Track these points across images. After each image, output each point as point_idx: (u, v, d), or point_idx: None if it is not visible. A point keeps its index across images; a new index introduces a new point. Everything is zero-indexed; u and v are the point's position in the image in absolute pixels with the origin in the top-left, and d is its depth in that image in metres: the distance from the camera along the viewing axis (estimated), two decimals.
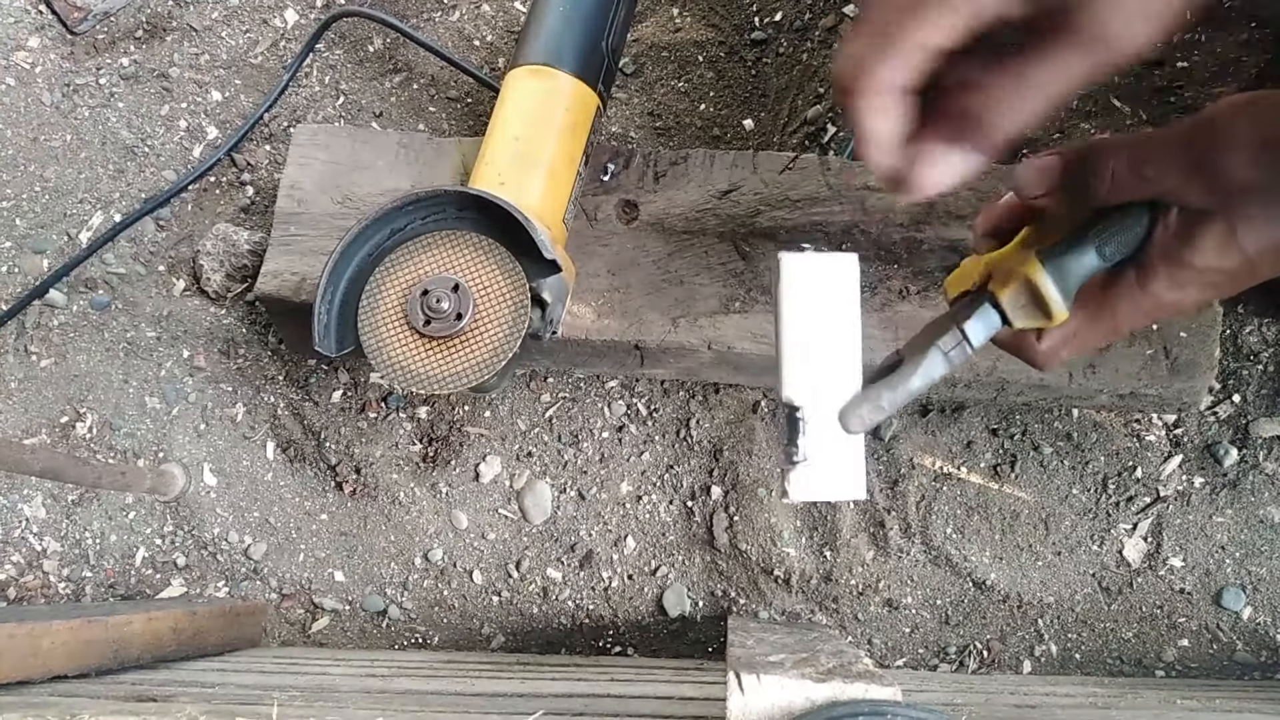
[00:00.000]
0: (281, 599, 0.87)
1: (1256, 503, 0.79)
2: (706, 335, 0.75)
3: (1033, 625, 0.80)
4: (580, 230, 0.79)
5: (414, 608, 0.86)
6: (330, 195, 0.81)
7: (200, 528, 0.88)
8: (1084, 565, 0.80)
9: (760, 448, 0.83)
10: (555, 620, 0.85)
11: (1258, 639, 0.78)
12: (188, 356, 0.92)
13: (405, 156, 0.82)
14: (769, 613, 0.82)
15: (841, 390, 0.48)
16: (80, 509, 0.90)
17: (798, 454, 0.47)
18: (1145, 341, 0.72)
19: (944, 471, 0.82)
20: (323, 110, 0.98)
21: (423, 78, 0.98)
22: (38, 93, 1.01)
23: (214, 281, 0.91)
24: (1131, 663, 0.79)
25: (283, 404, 0.90)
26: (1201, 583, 0.79)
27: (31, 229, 0.97)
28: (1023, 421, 0.81)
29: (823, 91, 0.91)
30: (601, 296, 0.77)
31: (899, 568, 0.81)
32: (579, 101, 0.73)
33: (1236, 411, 0.80)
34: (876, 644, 0.81)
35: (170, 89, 1.00)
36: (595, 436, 0.86)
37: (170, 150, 0.98)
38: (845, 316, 0.48)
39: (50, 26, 1.03)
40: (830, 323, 0.48)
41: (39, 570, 0.89)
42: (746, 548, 0.82)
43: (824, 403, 0.48)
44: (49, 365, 0.93)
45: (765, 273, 0.76)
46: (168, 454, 0.89)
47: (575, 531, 0.85)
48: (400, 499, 0.87)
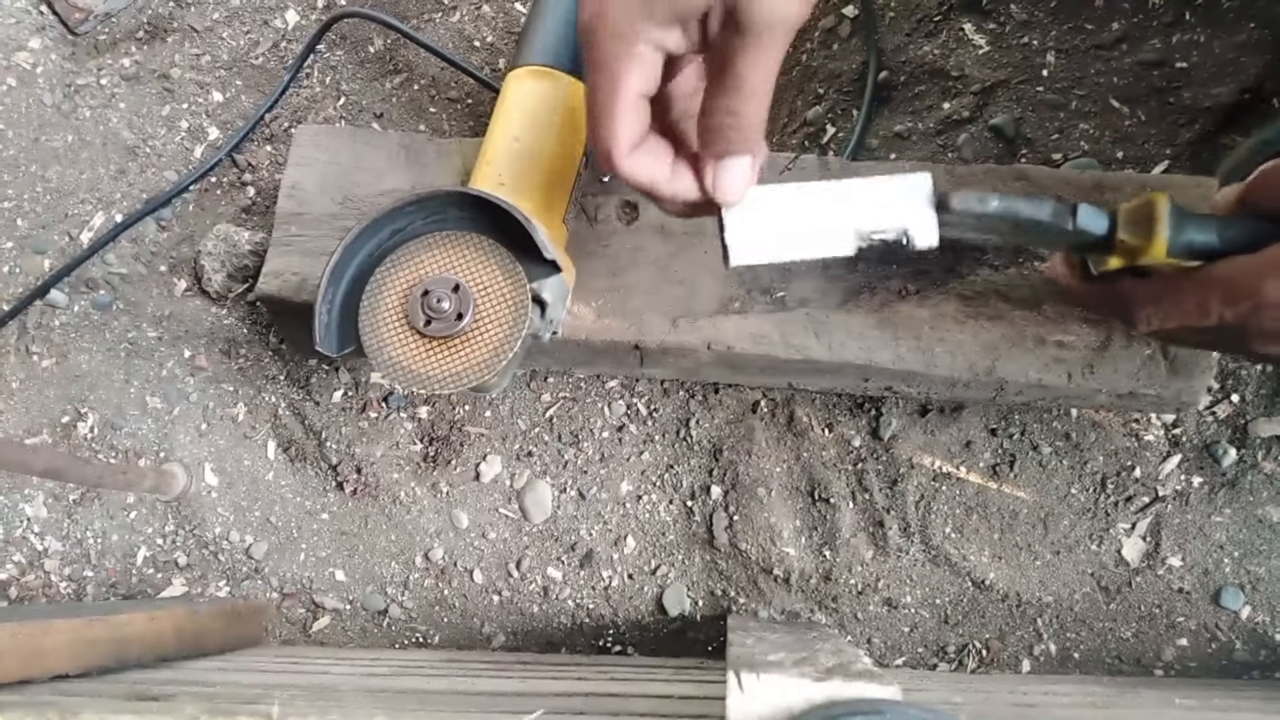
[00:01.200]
0: (282, 598, 0.88)
1: (1255, 502, 0.79)
2: (706, 335, 0.75)
3: (1032, 624, 0.80)
4: (580, 230, 0.79)
5: (415, 607, 0.86)
6: (331, 196, 0.82)
7: (201, 527, 0.88)
8: (1083, 565, 0.80)
9: (760, 448, 0.84)
10: (555, 619, 0.85)
11: (1256, 638, 0.78)
12: (189, 356, 0.92)
13: (406, 157, 0.82)
14: (769, 612, 0.83)
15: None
16: (82, 508, 0.90)
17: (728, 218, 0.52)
18: (1144, 341, 0.73)
19: (943, 471, 0.82)
20: (324, 111, 0.98)
21: (423, 79, 0.98)
22: (39, 93, 1.01)
23: (215, 282, 0.91)
24: (1130, 662, 0.79)
25: (284, 404, 0.90)
26: (1200, 582, 0.79)
27: (33, 229, 0.97)
28: (1021, 421, 0.82)
29: (822, 92, 0.91)
30: (601, 296, 0.77)
31: (898, 567, 0.81)
32: (579, 102, 0.73)
33: (1235, 411, 0.80)
34: (876, 643, 0.81)
35: (171, 90, 1.00)
36: (595, 436, 0.87)
37: (172, 151, 0.98)
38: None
39: (51, 27, 1.03)
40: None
41: (40, 570, 0.89)
42: (746, 547, 0.83)
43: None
44: (50, 365, 0.93)
45: (765, 271, 0.76)
46: (169, 454, 0.90)
47: (575, 531, 0.86)
48: (401, 498, 0.87)
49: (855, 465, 0.83)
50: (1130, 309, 0.51)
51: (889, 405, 0.83)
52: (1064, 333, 0.73)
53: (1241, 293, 0.45)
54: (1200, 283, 0.47)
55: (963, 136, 0.88)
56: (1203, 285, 0.47)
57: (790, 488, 0.83)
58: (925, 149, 0.89)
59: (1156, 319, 0.50)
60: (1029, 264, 0.75)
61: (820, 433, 0.84)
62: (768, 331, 0.75)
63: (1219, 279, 0.46)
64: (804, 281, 0.77)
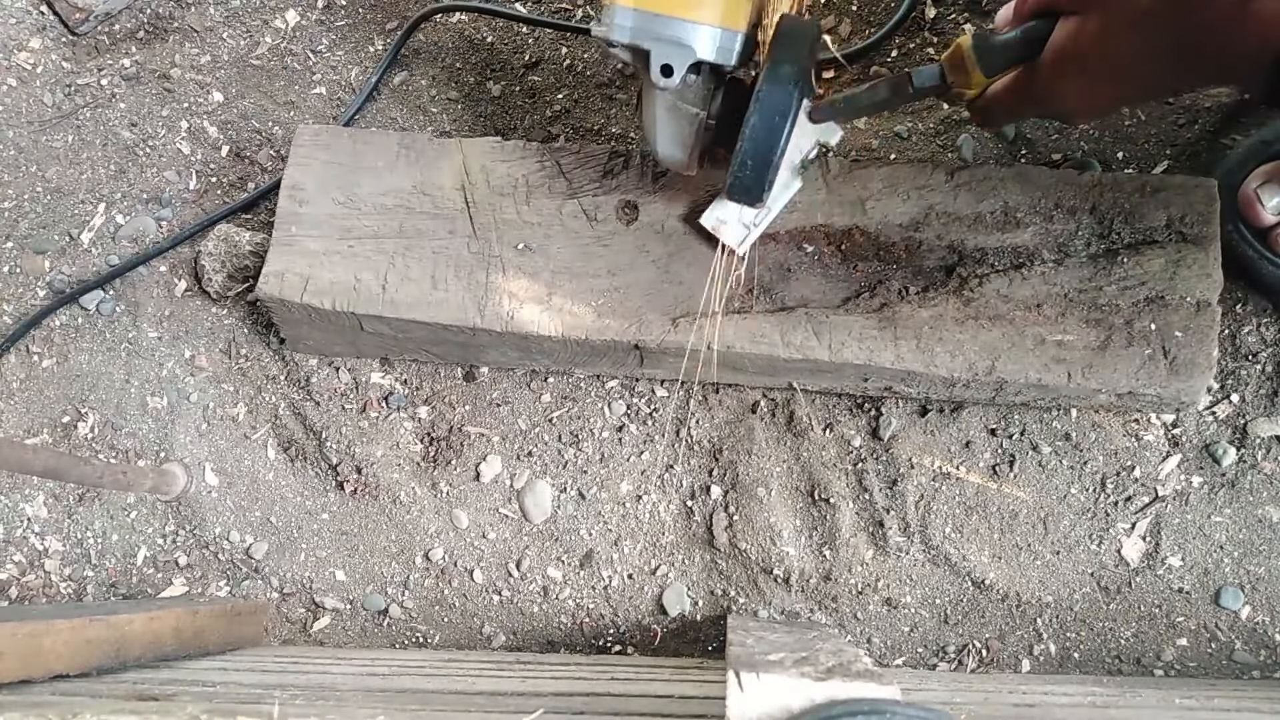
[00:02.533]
0: (283, 598, 0.88)
1: (1255, 502, 0.79)
2: (706, 335, 0.75)
3: (1031, 624, 0.80)
4: (580, 230, 0.79)
5: (415, 607, 0.86)
6: (332, 195, 0.82)
7: (202, 527, 0.88)
8: (1083, 564, 0.80)
9: (760, 448, 0.84)
10: (555, 619, 0.85)
11: (1256, 638, 0.78)
12: (189, 356, 0.92)
13: (406, 157, 0.82)
14: (768, 612, 0.83)
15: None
16: (82, 508, 0.90)
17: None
18: (1144, 341, 0.73)
19: (943, 471, 0.82)
20: (325, 111, 0.98)
21: (424, 78, 0.98)
22: (39, 93, 1.01)
23: (215, 282, 0.91)
24: (1130, 662, 0.79)
25: (284, 404, 0.90)
26: (1200, 582, 0.79)
27: (33, 229, 0.97)
28: (1021, 421, 0.82)
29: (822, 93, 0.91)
30: (601, 296, 0.77)
31: (898, 567, 0.81)
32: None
33: (1235, 411, 0.80)
34: (876, 643, 0.81)
35: (171, 90, 1.00)
36: (595, 436, 0.87)
37: (171, 151, 0.98)
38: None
39: (52, 27, 1.03)
40: None
41: (41, 569, 0.89)
42: (746, 547, 0.83)
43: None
44: (51, 365, 0.93)
45: (768, 269, 0.77)
46: (169, 453, 0.90)
47: (575, 531, 0.86)
48: (401, 499, 0.87)
49: (855, 465, 0.83)
50: (994, 109, 0.68)
51: (889, 405, 0.83)
52: (1064, 333, 0.73)
53: (1035, 88, 0.64)
54: (1012, 88, 0.65)
55: (962, 136, 0.88)
56: (1014, 89, 0.65)
57: (790, 488, 0.84)
58: (925, 149, 0.89)
59: (1003, 114, 0.68)
60: (1029, 265, 0.75)
61: (820, 433, 0.84)
62: (768, 331, 0.75)
63: (1020, 84, 0.65)
64: (804, 281, 0.77)
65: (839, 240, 0.77)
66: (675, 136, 0.68)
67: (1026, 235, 0.76)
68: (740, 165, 0.64)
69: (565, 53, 0.98)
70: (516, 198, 0.81)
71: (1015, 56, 0.64)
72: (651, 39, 0.62)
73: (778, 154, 0.64)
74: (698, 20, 0.62)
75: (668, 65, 0.63)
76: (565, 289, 0.78)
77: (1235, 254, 0.78)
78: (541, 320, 0.77)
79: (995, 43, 0.64)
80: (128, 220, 0.97)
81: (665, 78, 0.63)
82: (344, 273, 0.79)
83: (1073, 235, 0.75)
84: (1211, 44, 0.58)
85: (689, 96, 0.66)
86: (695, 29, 0.62)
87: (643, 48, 0.63)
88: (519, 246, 0.79)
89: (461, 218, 0.80)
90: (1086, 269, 0.75)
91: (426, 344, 0.84)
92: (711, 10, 0.62)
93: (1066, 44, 0.62)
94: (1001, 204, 0.76)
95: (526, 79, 0.97)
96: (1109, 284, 0.74)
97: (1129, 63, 0.61)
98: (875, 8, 0.94)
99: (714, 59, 0.63)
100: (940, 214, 0.77)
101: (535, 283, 0.78)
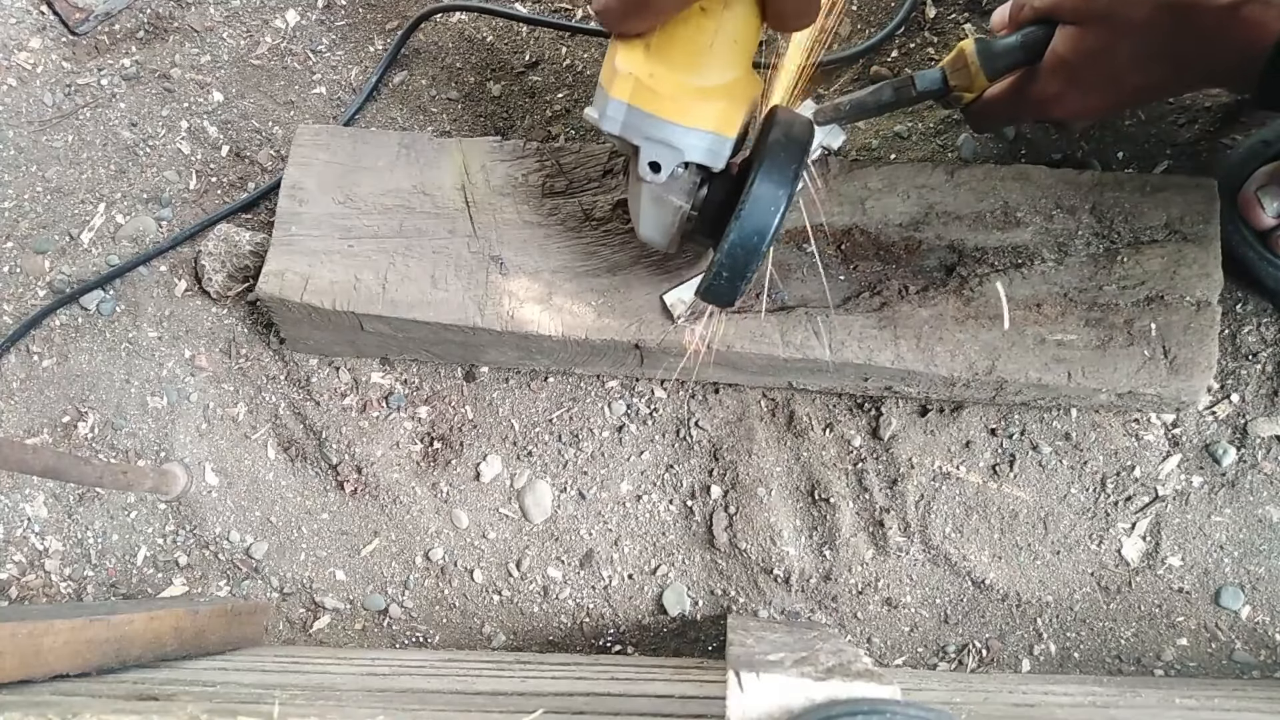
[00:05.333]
0: (283, 598, 0.87)
1: (1255, 502, 0.79)
2: (706, 335, 0.75)
3: (1031, 624, 0.80)
4: (580, 230, 0.79)
5: (415, 607, 0.86)
6: (332, 195, 0.82)
7: (202, 527, 0.88)
8: (1083, 564, 0.80)
9: (760, 448, 0.84)
10: (555, 619, 0.85)
11: (1256, 638, 0.78)
12: (189, 356, 0.92)
13: (406, 156, 0.82)
14: (768, 611, 0.83)
15: None
16: (82, 508, 0.90)
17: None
18: (1144, 341, 0.73)
19: (943, 471, 0.82)
20: (325, 110, 0.98)
21: (424, 78, 0.98)
22: (39, 93, 1.01)
23: (215, 282, 0.91)
24: (1130, 661, 0.79)
25: (284, 404, 0.90)
26: (1200, 582, 0.79)
27: (33, 229, 0.97)
28: (1021, 421, 0.82)
29: (822, 93, 0.91)
30: (601, 296, 0.77)
31: (898, 567, 0.81)
32: None
33: (1235, 411, 0.80)
34: (876, 643, 0.81)
35: (171, 89, 1.00)
36: (595, 436, 0.87)
37: (171, 151, 0.98)
38: None
39: (52, 27, 1.03)
40: None
41: (41, 569, 0.89)
42: (746, 547, 0.82)
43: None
44: (51, 365, 0.93)
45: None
46: (169, 453, 0.90)
47: (575, 531, 0.86)
48: (401, 498, 0.87)
49: (855, 465, 0.83)
50: (992, 112, 0.71)
51: (889, 405, 0.83)
52: (1064, 332, 0.73)
53: (1035, 93, 0.67)
54: (1010, 93, 0.69)
55: (962, 136, 0.88)
56: (1012, 94, 0.69)
57: (790, 487, 0.83)
58: (925, 149, 0.89)
59: (1000, 117, 0.72)
60: (1029, 264, 0.75)
61: (820, 432, 0.84)
62: (768, 331, 0.75)
63: (1019, 88, 0.68)
64: (804, 281, 0.77)
65: (839, 240, 0.77)
66: (657, 224, 0.68)
67: (1026, 235, 0.76)
68: (715, 275, 0.63)
69: (565, 53, 0.98)
70: (516, 197, 0.81)
71: (1016, 61, 0.66)
72: (641, 137, 0.62)
73: (753, 269, 0.62)
74: (690, 125, 0.61)
75: (656, 163, 0.62)
76: (565, 288, 0.78)
77: (1235, 255, 0.78)
78: (541, 320, 0.77)
79: (997, 47, 0.66)
80: (128, 220, 0.97)
81: (653, 173, 0.62)
82: (344, 272, 0.79)
83: (1073, 235, 0.75)
84: (1206, 49, 0.59)
85: (674, 189, 0.65)
86: (686, 133, 0.61)
87: (632, 143, 0.62)
88: (519, 246, 0.79)
89: (461, 217, 0.80)
90: (1086, 268, 0.75)
91: (426, 344, 0.84)
92: (704, 117, 0.61)
93: (1068, 53, 0.64)
94: (1001, 203, 0.76)
95: (526, 79, 0.97)
96: (1109, 283, 0.74)
97: (1129, 71, 0.63)
98: (875, 8, 0.94)
99: (703, 161, 0.63)
100: (940, 213, 0.77)
101: (535, 282, 0.78)
